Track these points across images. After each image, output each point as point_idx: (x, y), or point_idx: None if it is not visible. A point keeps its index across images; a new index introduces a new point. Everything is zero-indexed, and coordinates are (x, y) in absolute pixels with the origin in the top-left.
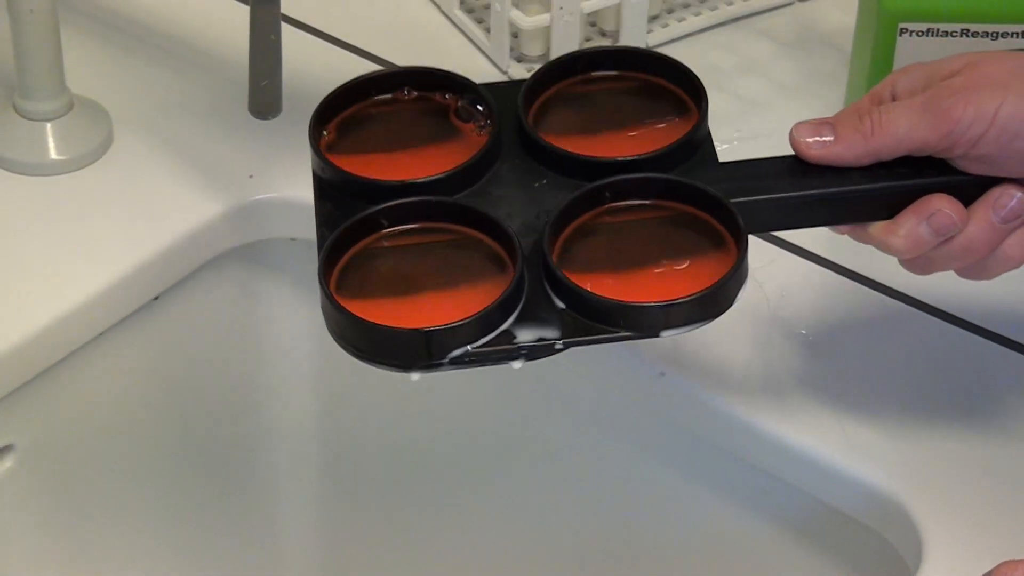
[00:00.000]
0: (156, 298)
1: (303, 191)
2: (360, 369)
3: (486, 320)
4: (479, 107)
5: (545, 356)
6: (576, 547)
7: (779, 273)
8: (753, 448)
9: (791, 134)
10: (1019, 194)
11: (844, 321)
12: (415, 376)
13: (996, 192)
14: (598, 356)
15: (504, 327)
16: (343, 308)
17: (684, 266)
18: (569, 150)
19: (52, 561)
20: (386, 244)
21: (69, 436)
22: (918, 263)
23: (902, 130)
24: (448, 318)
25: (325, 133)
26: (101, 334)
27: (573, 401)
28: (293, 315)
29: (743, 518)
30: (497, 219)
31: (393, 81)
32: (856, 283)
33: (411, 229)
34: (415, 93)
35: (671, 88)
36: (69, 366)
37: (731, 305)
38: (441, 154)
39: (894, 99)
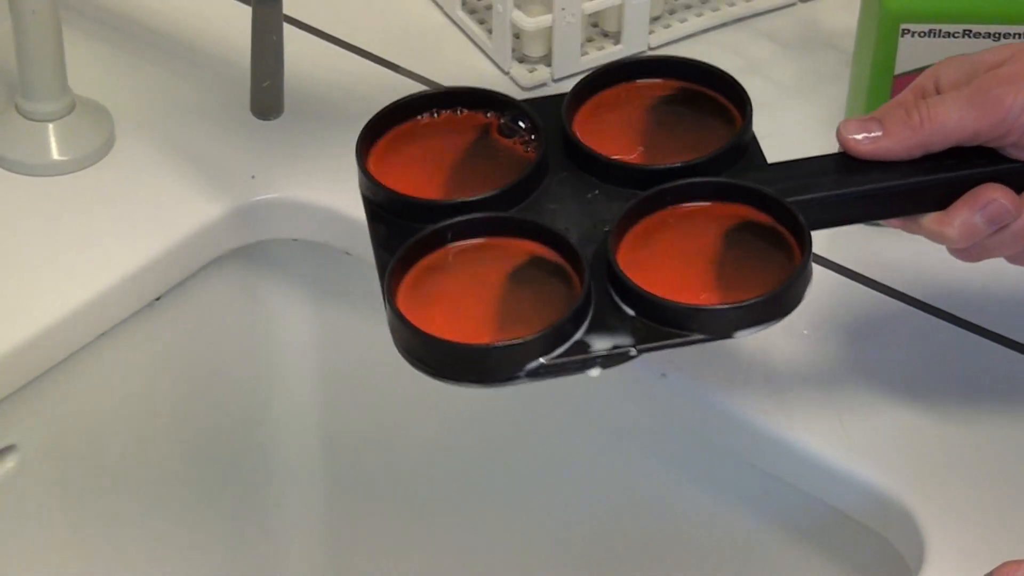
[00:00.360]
0: (158, 299)
1: (305, 192)
2: (363, 369)
3: (559, 331)
4: (521, 123)
5: (620, 363)
6: (577, 546)
7: None
8: (755, 449)
9: (839, 131)
10: None
11: (846, 321)
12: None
13: None
14: None
15: (577, 337)
16: (413, 326)
17: (747, 266)
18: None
19: (54, 561)
20: (449, 261)
21: (71, 437)
22: (970, 252)
23: (952, 121)
24: (521, 333)
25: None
26: (103, 335)
27: (575, 402)
28: (295, 315)
29: (745, 519)
30: (559, 232)
31: (434, 101)
32: (858, 283)
33: (473, 246)
34: (459, 112)
35: (711, 94)
36: (71, 367)
37: (800, 303)
38: (487, 172)
39: (938, 90)
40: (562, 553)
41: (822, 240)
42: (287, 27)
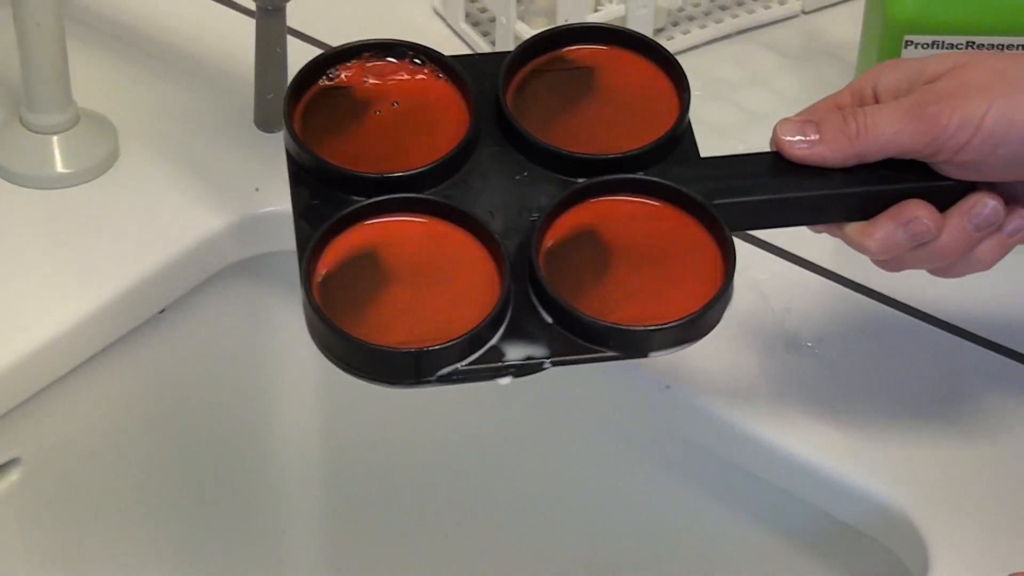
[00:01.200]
0: (162, 311)
1: None
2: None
3: (475, 339)
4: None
5: (533, 373)
6: (582, 559)
7: (784, 285)
8: (758, 460)
9: (775, 131)
10: (992, 203)
11: (849, 333)
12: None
13: (972, 200)
14: (602, 368)
15: (492, 343)
16: (332, 323)
17: (672, 279)
18: (550, 142)
19: (57, 574)
20: (369, 239)
21: (75, 449)
22: (889, 263)
23: (887, 134)
24: (437, 328)
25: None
26: (107, 347)
27: (578, 414)
28: (298, 327)
29: (749, 530)
30: (485, 225)
31: (365, 51)
32: (861, 295)
33: (394, 223)
34: (390, 63)
35: (654, 70)
36: (75, 379)
37: (716, 325)
38: (421, 132)
39: (876, 95)
40: (565, 564)
41: (827, 252)
42: (291, 39)
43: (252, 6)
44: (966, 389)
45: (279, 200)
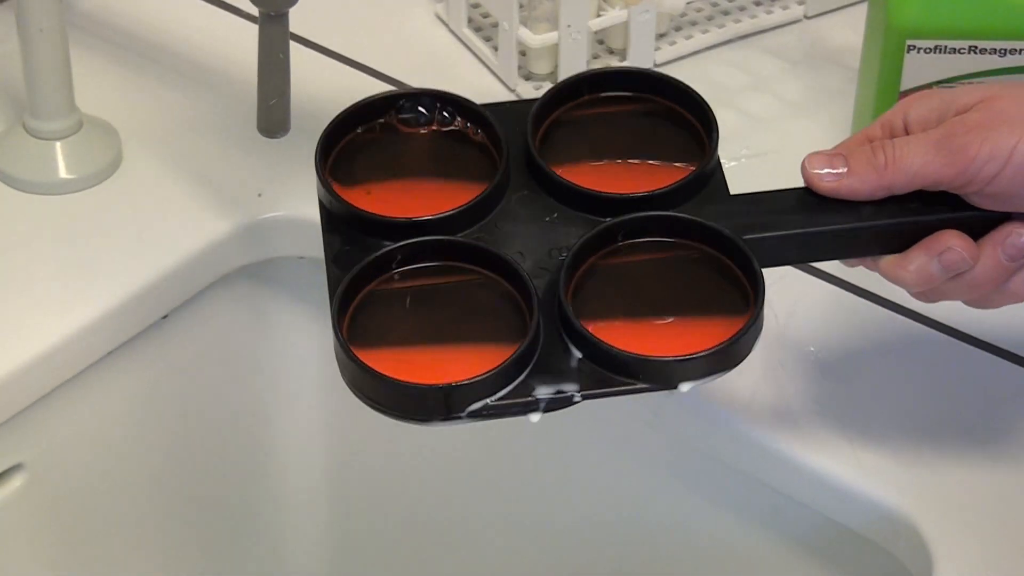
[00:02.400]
0: (165, 317)
1: (312, 210)
2: None
3: (504, 374)
4: (481, 128)
5: (563, 407)
6: (587, 565)
7: (789, 291)
8: (763, 466)
9: (803, 165)
10: None
11: (854, 339)
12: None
13: (1005, 230)
14: None
15: (521, 378)
16: (361, 362)
17: (701, 312)
18: (579, 183)
19: None
20: (399, 285)
21: (78, 455)
22: (926, 294)
23: (916, 166)
24: (466, 368)
25: (330, 162)
26: (110, 353)
27: (582, 419)
28: (301, 333)
29: (754, 536)
30: (513, 264)
31: (395, 103)
32: (866, 301)
33: (424, 268)
34: (420, 114)
35: (681, 112)
36: (78, 385)
37: (749, 353)
38: (451, 181)
39: (906, 127)
40: (568, 568)
41: None
42: (294, 45)
43: (255, 12)
44: (969, 394)
45: (282, 205)
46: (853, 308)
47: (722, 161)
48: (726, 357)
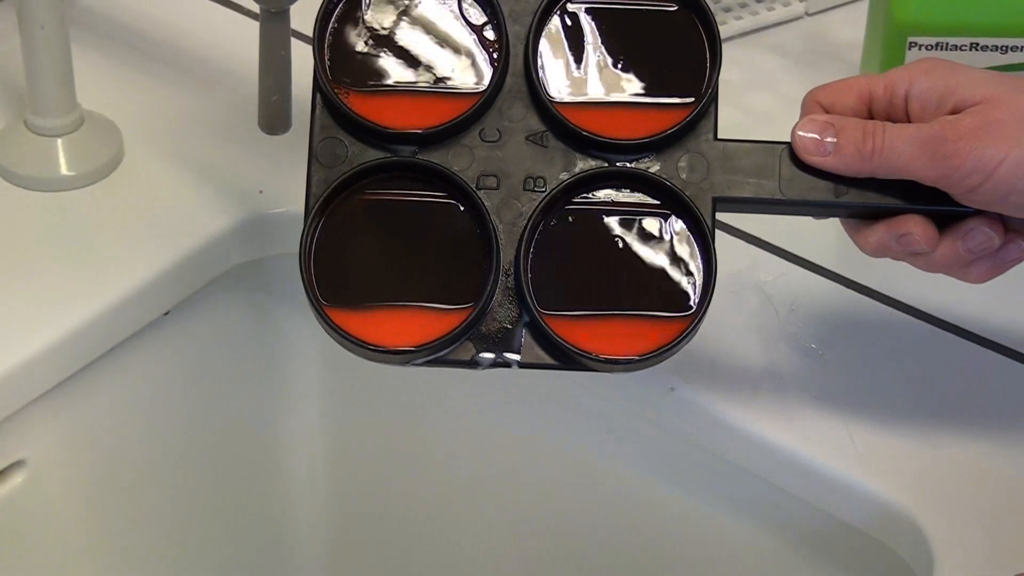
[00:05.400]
0: (166, 313)
1: None
2: (368, 382)
3: (453, 339)
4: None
5: (503, 368)
6: (586, 559)
7: (788, 286)
8: (763, 462)
9: (794, 130)
10: (988, 231)
11: (853, 334)
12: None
13: (968, 224)
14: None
15: (466, 339)
16: (324, 313)
17: (648, 307)
18: (569, 117)
19: (62, 574)
20: (367, 198)
21: (80, 450)
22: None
23: (901, 162)
24: (419, 325)
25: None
26: (112, 349)
27: (583, 415)
28: (302, 329)
29: (754, 531)
30: (487, 216)
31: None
32: (865, 296)
33: (394, 182)
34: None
35: (688, 23)
36: (80, 381)
37: (683, 349)
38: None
39: (907, 99)
40: (567, 564)
41: (831, 254)
42: (295, 42)
43: (256, 9)
44: (969, 389)
45: (284, 202)
46: (853, 303)
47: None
48: (655, 359)
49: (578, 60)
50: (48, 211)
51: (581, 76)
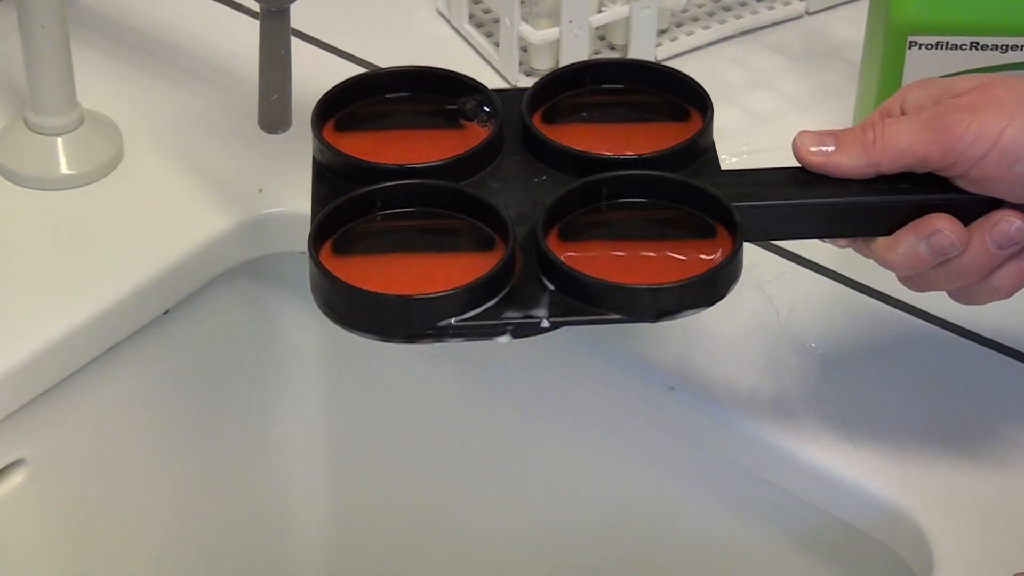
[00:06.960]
0: (166, 312)
1: None
2: (369, 382)
3: (473, 293)
4: (485, 108)
5: (532, 334)
6: (585, 559)
7: (789, 287)
8: (763, 462)
9: (794, 141)
10: (1018, 222)
11: (854, 335)
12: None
13: (995, 217)
14: (608, 370)
15: (491, 303)
16: (329, 273)
17: (680, 258)
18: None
19: (62, 574)
20: (379, 225)
21: (79, 450)
22: (914, 281)
23: (904, 143)
24: (436, 290)
25: (329, 120)
26: (111, 348)
27: (583, 414)
28: (303, 328)
29: (753, 531)
30: (490, 202)
31: (401, 79)
32: (866, 296)
33: (405, 212)
34: (424, 93)
35: (678, 102)
36: (80, 380)
37: (724, 296)
38: (443, 146)
39: (903, 113)
40: (567, 563)
41: (832, 254)
42: (295, 41)
43: (256, 8)
44: (969, 390)
45: (283, 201)
46: (854, 304)
47: (724, 157)
48: (700, 290)
49: (574, 128)
50: (48, 210)
51: (577, 133)
